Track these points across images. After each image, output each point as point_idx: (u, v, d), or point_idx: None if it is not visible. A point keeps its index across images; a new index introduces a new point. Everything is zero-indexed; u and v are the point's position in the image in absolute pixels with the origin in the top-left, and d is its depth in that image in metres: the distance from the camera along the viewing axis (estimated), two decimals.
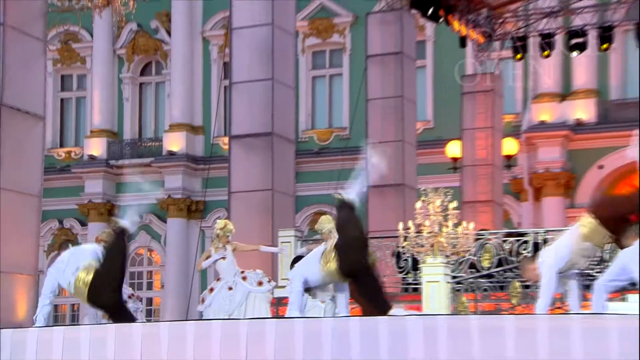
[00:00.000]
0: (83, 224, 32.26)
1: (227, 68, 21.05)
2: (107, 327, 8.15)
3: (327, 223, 13.50)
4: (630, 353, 6.62)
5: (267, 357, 7.07)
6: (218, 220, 14.41)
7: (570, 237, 9.60)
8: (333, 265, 9.63)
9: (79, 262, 10.01)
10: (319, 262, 9.82)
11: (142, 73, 33.74)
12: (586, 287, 15.48)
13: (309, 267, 10.03)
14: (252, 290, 13.24)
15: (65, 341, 7.87)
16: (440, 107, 29.51)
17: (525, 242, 16.86)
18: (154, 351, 7.48)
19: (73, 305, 32.37)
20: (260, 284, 13.36)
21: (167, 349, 7.37)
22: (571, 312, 9.39)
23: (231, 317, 12.68)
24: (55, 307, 32.92)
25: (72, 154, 33.40)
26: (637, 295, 10.06)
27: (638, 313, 7.33)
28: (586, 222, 9.58)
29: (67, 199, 31.35)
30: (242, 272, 13.49)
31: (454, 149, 26.28)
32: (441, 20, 23.44)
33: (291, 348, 7.07)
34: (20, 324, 10.77)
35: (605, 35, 24.65)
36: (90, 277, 9.64)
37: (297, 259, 12.54)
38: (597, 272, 15.84)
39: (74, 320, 31.55)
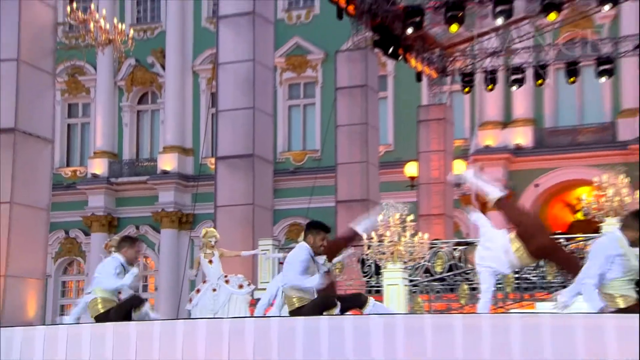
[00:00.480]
0: (86, 234, 32.09)
1: (214, 98, 20.93)
2: (105, 325, 8.07)
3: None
4: (564, 352, 6.59)
5: (247, 353, 7.01)
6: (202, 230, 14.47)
7: (503, 246, 9.44)
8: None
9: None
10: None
11: (140, 102, 33.63)
12: (525, 290, 15.60)
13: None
14: (233, 292, 13.24)
15: (69, 338, 7.79)
16: (399, 133, 29.55)
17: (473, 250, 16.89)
18: (147, 346, 7.41)
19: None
20: (240, 286, 13.37)
21: (159, 345, 7.30)
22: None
23: (215, 316, 12.65)
24: (62, 307, 32.79)
25: (77, 173, 33.22)
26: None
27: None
28: (516, 244, 9.41)
29: (72, 212, 31.13)
30: (226, 276, 13.51)
31: (411, 169, 26.32)
32: (400, 58, 23.53)
33: (268, 345, 7.02)
34: (30, 322, 10.70)
35: (540, 72, 24.88)
36: (101, 307, 9.33)
37: None
38: (534, 277, 15.97)
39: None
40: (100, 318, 9.00)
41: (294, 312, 8.30)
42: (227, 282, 13.34)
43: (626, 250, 7.53)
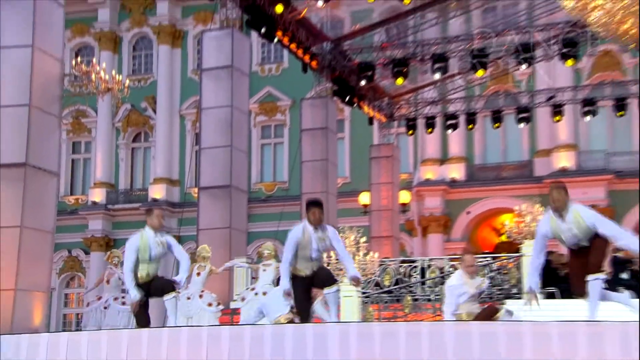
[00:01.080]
0: (87, 252, 31.73)
1: (197, 137, 20.90)
2: (100, 332, 7.96)
3: (268, 249, 13.57)
4: (490, 352, 6.58)
5: (223, 356, 6.93)
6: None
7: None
8: None
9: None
10: None
11: (134, 140, 33.43)
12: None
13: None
14: (202, 308, 12.83)
15: (69, 343, 7.65)
16: (355, 168, 29.63)
17: (415, 267, 16.89)
18: (137, 351, 7.30)
19: (78, 314, 31.79)
20: (210, 304, 12.90)
21: (147, 350, 7.19)
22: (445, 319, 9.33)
23: (190, 322, 12.29)
24: (64, 315, 32.38)
25: (79, 200, 32.91)
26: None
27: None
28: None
29: (74, 234, 30.78)
30: (203, 290, 13.10)
31: (364, 198, 26.34)
32: (355, 105, 23.68)
33: (240, 350, 6.93)
34: (36, 330, 10.53)
35: (471, 118, 25.14)
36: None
37: None
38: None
39: (78, 326, 30.96)
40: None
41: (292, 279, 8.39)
42: (200, 296, 12.90)
43: None
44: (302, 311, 8.73)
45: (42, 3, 11.25)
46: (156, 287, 8.74)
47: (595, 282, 7.75)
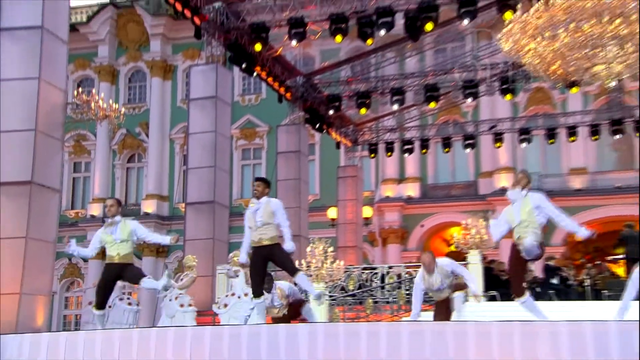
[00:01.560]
0: (85, 260, 31.20)
1: (185, 159, 20.78)
2: (95, 332, 7.82)
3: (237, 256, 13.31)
4: (440, 352, 6.55)
5: (204, 356, 6.84)
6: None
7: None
8: None
9: None
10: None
11: (129, 161, 33.11)
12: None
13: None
14: (177, 310, 12.41)
15: (67, 342, 7.53)
16: (324, 186, 29.57)
17: (376, 273, 16.86)
18: (128, 349, 7.19)
19: (77, 315, 31.37)
20: (182, 305, 12.45)
21: (137, 349, 7.08)
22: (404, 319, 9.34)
23: (175, 323, 12.07)
24: (64, 316, 31.88)
25: (79, 214, 32.48)
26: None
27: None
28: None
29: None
30: (180, 294, 12.65)
31: (332, 212, 26.32)
32: (324, 131, 23.76)
33: (219, 349, 6.85)
34: (38, 330, 10.39)
35: (424, 143, 25.29)
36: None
37: None
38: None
39: (77, 326, 30.51)
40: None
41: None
42: (177, 298, 12.60)
43: None
44: (253, 276, 8.68)
45: (48, 41, 11.20)
46: (132, 274, 9.20)
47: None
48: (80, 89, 26.15)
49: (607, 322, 6.33)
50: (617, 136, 23.70)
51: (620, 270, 17.73)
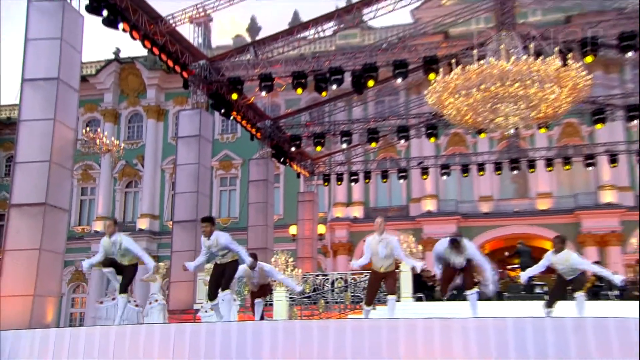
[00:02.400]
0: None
1: (173, 185, 20.54)
2: (95, 328, 7.61)
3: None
4: (360, 352, 6.53)
5: (185, 349, 6.70)
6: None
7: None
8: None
9: None
10: None
11: (127, 187, 32.48)
12: (355, 302, 15.56)
13: None
14: (153, 306, 12.11)
15: (71, 336, 7.34)
16: (287, 208, 29.49)
17: (327, 279, 16.80)
18: (121, 342, 7.00)
19: (81, 313, 30.49)
20: (150, 302, 12.18)
21: (129, 342, 6.91)
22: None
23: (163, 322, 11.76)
24: (71, 314, 30.94)
25: (85, 230, 31.68)
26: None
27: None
28: None
29: (81, 254, 29.36)
30: (154, 294, 12.41)
31: (293, 229, 26.19)
32: (287, 164, 23.73)
33: (197, 344, 6.72)
34: (48, 325, 10.14)
35: (367, 175, 25.39)
36: None
37: None
38: (358, 294, 15.89)
39: (81, 323, 29.64)
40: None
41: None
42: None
43: None
44: (213, 282, 8.59)
45: (62, 89, 11.15)
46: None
47: (472, 295, 8.27)
48: (88, 128, 25.83)
49: (525, 318, 6.33)
50: (515, 172, 24.19)
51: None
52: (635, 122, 19.62)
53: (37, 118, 10.91)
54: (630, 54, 14.40)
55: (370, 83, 16.21)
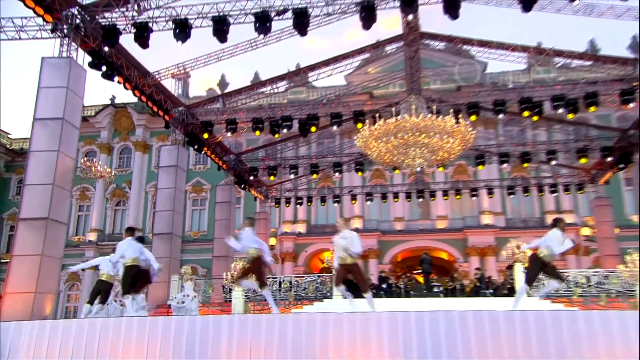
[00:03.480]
0: (83, 270, 28.85)
1: (154, 205, 19.96)
2: (85, 320, 7.27)
3: (187, 271, 12.65)
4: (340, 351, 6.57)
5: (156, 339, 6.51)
6: None
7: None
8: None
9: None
10: None
11: (116, 205, 31.39)
12: (299, 298, 15.44)
13: None
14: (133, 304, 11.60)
15: (64, 327, 7.01)
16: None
17: (276, 280, 16.60)
18: (105, 334, 6.71)
19: (75, 307, 28.81)
20: (133, 298, 11.66)
21: (112, 332, 6.65)
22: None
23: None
24: (66, 308, 29.19)
25: (80, 239, 30.28)
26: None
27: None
28: None
29: (76, 259, 27.79)
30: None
31: None
32: (247, 189, 23.29)
33: (181, 336, 6.53)
34: (46, 318, 9.66)
35: (310, 199, 25.29)
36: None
37: None
38: (302, 291, 15.78)
39: (74, 316, 27.99)
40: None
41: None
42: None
43: None
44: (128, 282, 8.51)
45: (66, 127, 10.89)
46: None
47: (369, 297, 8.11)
48: (86, 158, 24.96)
49: (437, 312, 6.41)
50: (420, 199, 24.92)
51: (420, 279, 18.37)
52: (506, 165, 20.89)
53: (44, 149, 10.66)
54: (501, 115, 15.35)
55: (313, 129, 16.59)
